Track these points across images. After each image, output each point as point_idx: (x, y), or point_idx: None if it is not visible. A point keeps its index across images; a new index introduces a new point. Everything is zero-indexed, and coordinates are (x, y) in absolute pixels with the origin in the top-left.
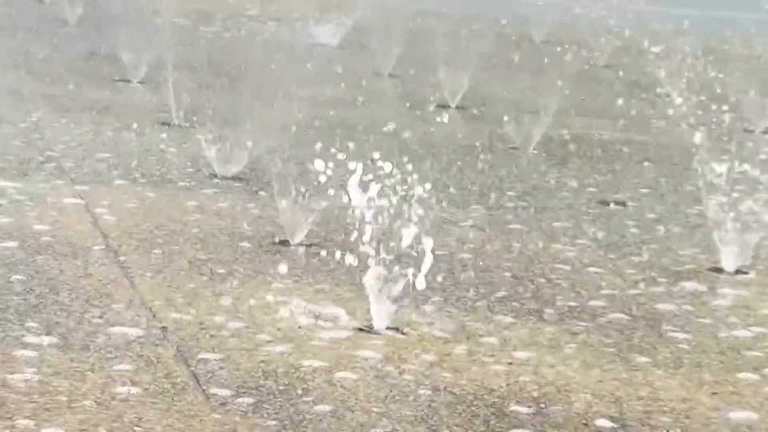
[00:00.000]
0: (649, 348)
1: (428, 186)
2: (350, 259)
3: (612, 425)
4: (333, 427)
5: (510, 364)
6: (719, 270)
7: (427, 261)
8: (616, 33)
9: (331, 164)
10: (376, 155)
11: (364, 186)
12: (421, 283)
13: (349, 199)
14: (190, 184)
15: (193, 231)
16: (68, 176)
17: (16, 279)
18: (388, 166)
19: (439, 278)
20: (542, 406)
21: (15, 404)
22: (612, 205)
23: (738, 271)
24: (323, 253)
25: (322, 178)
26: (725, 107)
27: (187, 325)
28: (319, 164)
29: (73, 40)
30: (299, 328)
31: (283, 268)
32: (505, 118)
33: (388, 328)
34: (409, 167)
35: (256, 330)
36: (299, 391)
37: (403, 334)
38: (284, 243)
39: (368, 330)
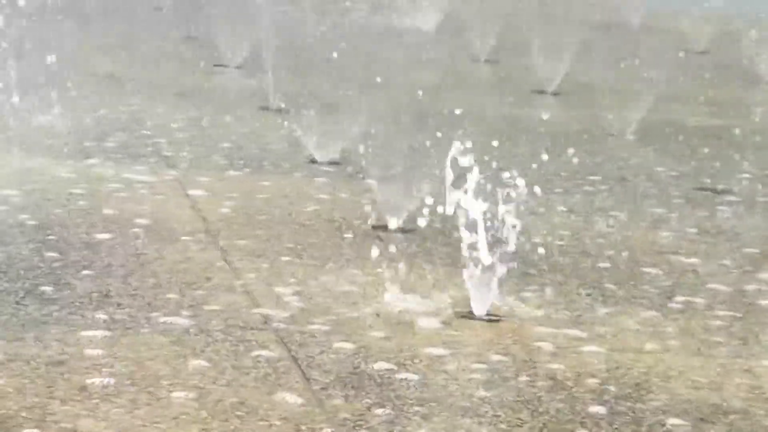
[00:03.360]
0: (750, 336)
1: (525, 171)
2: (449, 245)
3: (711, 413)
4: (435, 412)
5: (609, 350)
6: None
7: (525, 246)
8: (713, 18)
9: (427, 149)
10: (472, 141)
11: (461, 172)
12: (519, 270)
13: (447, 184)
14: (289, 169)
15: (291, 216)
16: (167, 161)
17: (116, 264)
18: (484, 152)
19: (537, 265)
20: (642, 391)
21: (116, 387)
22: (711, 192)
23: None
24: (422, 238)
25: (420, 164)
26: None
27: (287, 310)
28: (416, 149)
29: (168, 25)
30: (398, 314)
31: (381, 254)
32: (603, 104)
33: (487, 314)
34: (506, 153)
35: (355, 315)
36: (400, 377)
37: (502, 320)
38: (383, 228)
39: (468, 316)
